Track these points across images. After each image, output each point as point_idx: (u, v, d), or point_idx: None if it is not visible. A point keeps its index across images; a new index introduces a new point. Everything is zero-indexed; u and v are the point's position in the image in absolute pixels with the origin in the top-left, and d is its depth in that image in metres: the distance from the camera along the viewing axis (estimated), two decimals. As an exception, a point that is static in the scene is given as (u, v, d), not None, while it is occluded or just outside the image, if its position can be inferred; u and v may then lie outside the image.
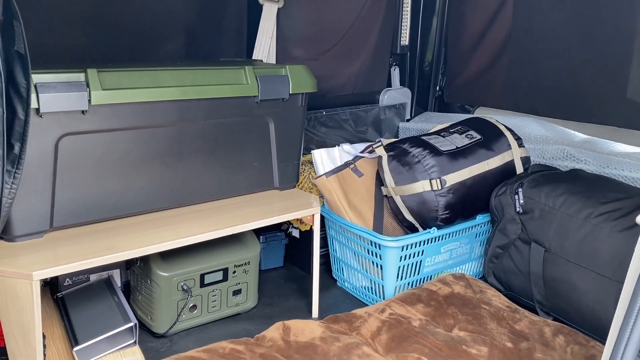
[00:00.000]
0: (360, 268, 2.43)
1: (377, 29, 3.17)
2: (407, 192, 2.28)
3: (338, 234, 2.49)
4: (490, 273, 2.42)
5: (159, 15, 2.50)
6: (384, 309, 2.06)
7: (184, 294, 2.08)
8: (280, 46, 2.73)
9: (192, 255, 2.11)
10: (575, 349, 1.90)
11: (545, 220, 2.16)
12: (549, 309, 2.18)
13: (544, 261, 2.14)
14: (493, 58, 3.08)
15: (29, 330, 1.60)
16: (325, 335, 1.87)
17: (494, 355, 1.84)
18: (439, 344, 1.86)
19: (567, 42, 2.69)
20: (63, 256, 1.66)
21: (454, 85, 3.37)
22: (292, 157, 2.32)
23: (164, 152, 1.97)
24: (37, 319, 1.60)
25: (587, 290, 2.00)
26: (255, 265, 2.26)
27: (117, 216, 1.93)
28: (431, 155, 2.28)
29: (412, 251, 2.29)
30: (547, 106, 2.84)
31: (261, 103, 2.14)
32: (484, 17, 3.08)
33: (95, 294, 2.11)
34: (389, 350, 1.85)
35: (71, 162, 1.78)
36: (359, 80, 3.19)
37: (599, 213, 2.02)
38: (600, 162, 2.43)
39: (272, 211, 2.13)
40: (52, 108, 1.66)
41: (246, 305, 2.28)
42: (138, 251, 1.77)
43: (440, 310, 2.09)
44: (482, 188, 2.37)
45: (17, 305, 1.60)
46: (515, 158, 2.48)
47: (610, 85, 2.55)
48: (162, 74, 1.89)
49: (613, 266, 1.93)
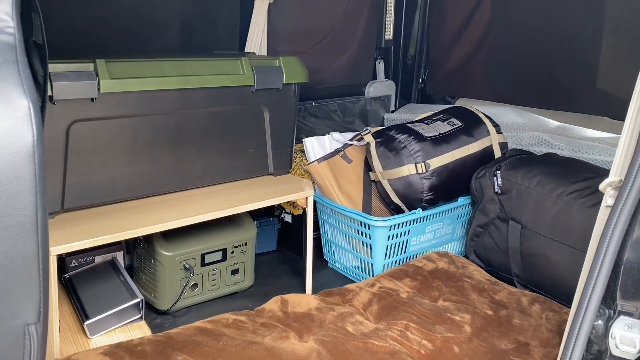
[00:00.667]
0: (350, 248, 2.58)
1: (362, 24, 3.32)
2: (394, 176, 2.43)
3: (329, 217, 2.64)
4: (471, 251, 2.58)
5: (157, 8, 2.61)
6: (374, 284, 2.21)
7: (185, 273, 2.21)
8: (271, 40, 2.86)
9: (193, 236, 2.24)
10: (550, 315, 2.07)
11: (521, 199, 2.33)
12: (526, 281, 2.35)
13: (521, 237, 2.32)
14: (472, 51, 3.25)
15: (47, 303, 1.72)
16: (320, 306, 2.02)
17: (475, 322, 2.00)
18: (425, 312, 2.01)
19: (541, 36, 2.86)
20: (75, 234, 1.78)
21: (435, 78, 3.53)
22: (285, 144, 2.46)
23: (167, 138, 2.09)
24: (54, 294, 1.71)
25: (560, 262, 2.17)
26: (252, 246, 2.40)
27: (124, 199, 2.05)
28: (416, 141, 2.44)
29: (399, 231, 2.44)
30: (523, 96, 3.02)
31: (257, 92, 2.27)
32: (463, 12, 3.25)
33: (101, 274, 2.23)
34: (379, 319, 2.00)
35: (81, 147, 1.89)
36: (346, 73, 3.33)
37: (570, 191, 2.20)
38: (572, 147, 2.61)
39: (268, 194, 2.27)
40: (64, 95, 1.78)
41: (244, 284, 2.41)
42: (145, 229, 1.90)
43: (426, 283, 2.24)
44: (463, 171, 2.53)
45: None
46: (494, 143, 2.65)
47: (581, 76, 2.73)
48: (166, 64, 2.02)
49: (583, 239, 2.09)
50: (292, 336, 1.85)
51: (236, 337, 1.79)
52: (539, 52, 2.89)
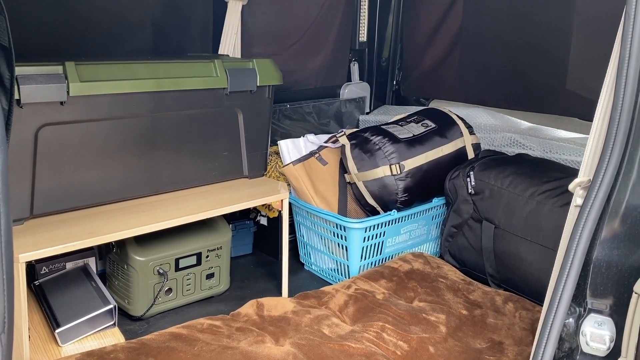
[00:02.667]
0: (326, 250, 2.58)
1: (336, 26, 3.32)
2: (369, 178, 2.44)
3: (305, 220, 2.63)
4: (446, 251, 2.61)
5: (127, 9, 2.57)
6: (350, 285, 2.21)
7: (159, 278, 2.18)
8: (245, 42, 2.84)
9: (167, 241, 2.21)
10: (523, 314, 2.10)
11: (494, 199, 2.36)
12: (499, 281, 2.38)
13: (494, 237, 2.34)
14: (445, 54, 3.28)
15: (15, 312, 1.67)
16: (296, 309, 2.01)
17: (450, 321, 2.01)
18: (401, 313, 2.02)
19: (512, 39, 2.90)
20: (45, 241, 1.74)
21: (409, 80, 3.56)
22: (260, 146, 2.45)
23: (140, 141, 2.06)
24: (23, 300, 1.68)
25: (532, 261, 2.20)
26: (227, 249, 2.38)
27: (96, 203, 2.02)
28: (390, 143, 2.45)
29: (375, 232, 2.45)
30: (495, 97, 3.06)
31: (230, 95, 2.26)
32: (436, 15, 3.28)
33: (73, 280, 2.18)
34: (355, 320, 2.00)
35: (50, 151, 1.86)
36: (320, 75, 3.33)
37: (542, 191, 2.23)
38: (543, 147, 2.65)
39: (243, 197, 2.25)
40: (32, 99, 1.74)
41: (219, 289, 2.39)
42: (117, 234, 1.86)
43: (402, 284, 2.26)
44: (437, 172, 2.55)
45: (3, 288, 1.67)
46: (467, 144, 2.67)
47: (551, 77, 2.78)
48: (138, 67, 1.99)
49: (555, 238, 2.12)
50: (268, 340, 1.84)
51: (211, 342, 1.78)
52: (509, 54, 2.94)
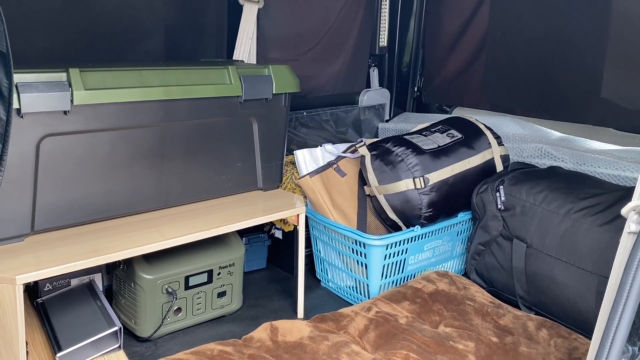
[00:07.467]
0: (344, 267, 2.44)
1: (356, 30, 3.20)
2: (390, 191, 2.30)
3: (322, 234, 2.49)
4: (472, 270, 2.45)
5: (139, 13, 2.47)
6: (370, 307, 2.07)
7: (168, 297, 2.06)
8: (261, 47, 2.73)
9: (176, 258, 2.09)
10: (559, 342, 1.94)
11: (526, 216, 2.20)
12: (531, 303, 2.22)
13: (526, 257, 2.18)
14: (470, 59, 3.13)
15: (12, 336, 1.56)
16: (313, 335, 1.87)
17: (480, 350, 1.86)
18: (426, 340, 1.88)
19: (542, 43, 2.75)
20: (45, 260, 1.63)
21: (431, 86, 3.41)
22: (275, 157, 2.32)
23: (148, 153, 1.94)
24: (20, 324, 1.56)
25: (568, 284, 2.04)
26: (240, 266, 2.25)
27: (101, 218, 1.90)
28: (414, 154, 2.30)
29: (396, 249, 2.30)
30: (524, 105, 2.90)
31: (245, 103, 2.13)
32: (460, 19, 3.13)
33: (77, 298, 2.07)
34: (377, 348, 1.86)
35: (53, 163, 1.74)
36: (338, 81, 3.21)
37: (578, 208, 2.07)
38: (576, 160, 2.49)
39: (257, 212, 2.12)
40: (33, 108, 1.63)
41: (231, 307, 2.26)
42: (122, 253, 1.74)
43: (426, 307, 2.11)
44: (464, 186, 2.40)
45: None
46: (495, 156, 2.52)
47: (584, 85, 2.62)
48: (146, 74, 1.87)
49: (593, 260, 1.97)
50: (283, 369, 1.70)
51: (222, 372, 1.65)
52: (539, 59, 2.78)
